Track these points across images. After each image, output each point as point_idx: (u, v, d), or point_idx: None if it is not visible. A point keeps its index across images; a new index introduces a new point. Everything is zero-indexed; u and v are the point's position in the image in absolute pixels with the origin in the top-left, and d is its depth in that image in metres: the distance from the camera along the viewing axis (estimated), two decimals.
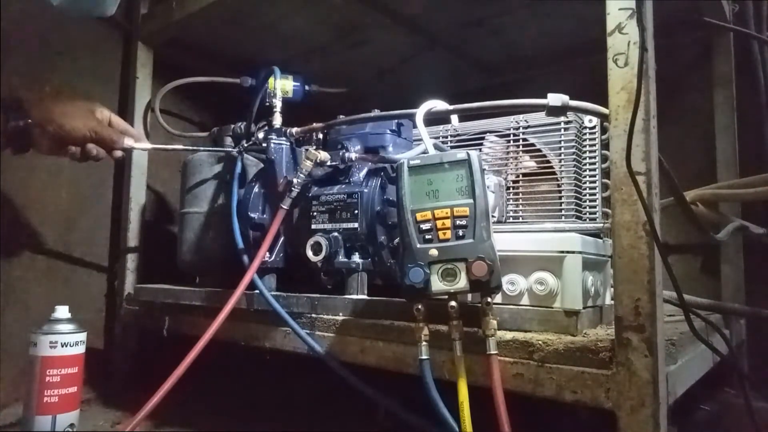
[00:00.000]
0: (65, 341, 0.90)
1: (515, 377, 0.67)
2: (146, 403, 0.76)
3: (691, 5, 1.14)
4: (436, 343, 0.69)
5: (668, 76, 1.26)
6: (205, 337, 0.82)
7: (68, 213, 1.26)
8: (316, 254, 0.89)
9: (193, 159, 1.18)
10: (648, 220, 0.59)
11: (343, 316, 0.86)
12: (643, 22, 0.60)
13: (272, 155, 1.00)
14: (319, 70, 1.49)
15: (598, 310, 0.79)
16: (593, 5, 0.66)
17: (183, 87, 1.35)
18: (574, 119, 0.87)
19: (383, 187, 0.92)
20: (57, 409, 0.89)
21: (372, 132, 0.99)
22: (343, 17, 1.28)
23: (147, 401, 0.77)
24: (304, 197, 0.96)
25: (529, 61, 1.51)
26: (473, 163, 0.69)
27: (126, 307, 1.28)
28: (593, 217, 0.87)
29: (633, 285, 0.60)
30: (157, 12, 1.34)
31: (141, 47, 1.36)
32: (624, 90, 0.61)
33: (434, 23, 1.31)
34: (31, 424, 0.88)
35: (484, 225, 0.66)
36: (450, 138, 0.99)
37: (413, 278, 0.66)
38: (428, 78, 1.58)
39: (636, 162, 0.60)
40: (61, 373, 0.90)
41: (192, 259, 1.15)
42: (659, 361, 0.58)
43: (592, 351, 0.62)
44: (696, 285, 1.25)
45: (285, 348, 0.91)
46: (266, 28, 1.33)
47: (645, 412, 0.57)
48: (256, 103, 1.10)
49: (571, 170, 0.87)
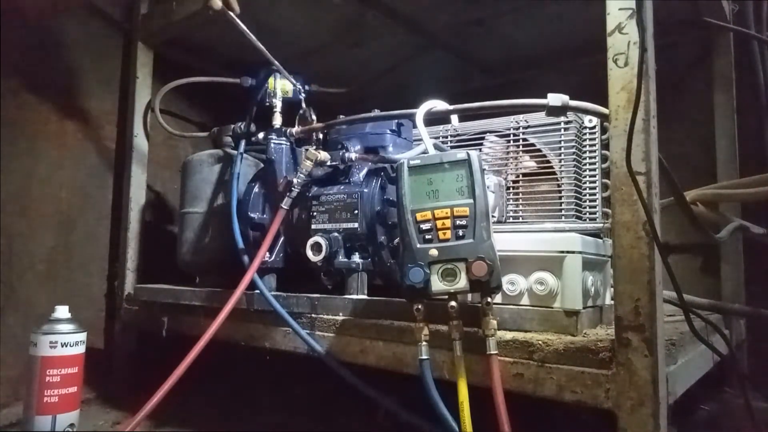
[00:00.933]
0: (65, 341, 0.91)
1: (515, 377, 0.67)
2: (146, 402, 0.76)
3: (691, 5, 1.14)
4: (436, 343, 0.70)
5: (668, 76, 1.26)
6: (205, 337, 0.83)
7: (68, 213, 1.26)
8: (316, 254, 0.89)
9: (193, 159, 1.18)
10: (648, 220, 0.59)
11: (343, 316, 0.86)
12: (643, 22, 0.60)
13: (272, 155, 1.00)
14: (319, 70, 1.49)
15: (598, 310, 0.79)
16: (593, 5, 0.66)
17: (183, 87, 1.35)
18: (574, 119, 0.87)
19: (383, 187, 0.92)
20: (57, 409, 0.89)
21: (372, 132, 0.99)
22: (342, 17, 1.28)
23: (147, 401, 0.77)
24: (304, 197, 0.96)
25: (529, 61, 1.50)
26: (473, 163, 0.69)
27: (126, 307, 1.28)
28: (593, 217, 0.87)
29: (633, 285, 0.60)
30: (157, 12, 1.34)
31: (141, 47, 1.36)
32: (624, 90, 0.61)
33: (434, 23, 1.31)
34: (31, 424, 0.88)
35: (484, 225, 0.66)
36: (450, 138, 0.99)
37: (413, 278, 0.66)
38: (428, 78, 1.58)
39: (636, 162, 0.60)
40: (61, 373, 0.90)
41: (192, 259, 1.15)
42: (659, 361, 0.58)
43: (592, 351, 0.62)
44: (696, 285, 1.25)
45: (285, 348, 0.91)
46: (266, 27, 1.32)
47: (645, 411, 0.57)
48: (255, 103, 1.10)
49: (571, 170, 0.87)
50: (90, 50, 1.32)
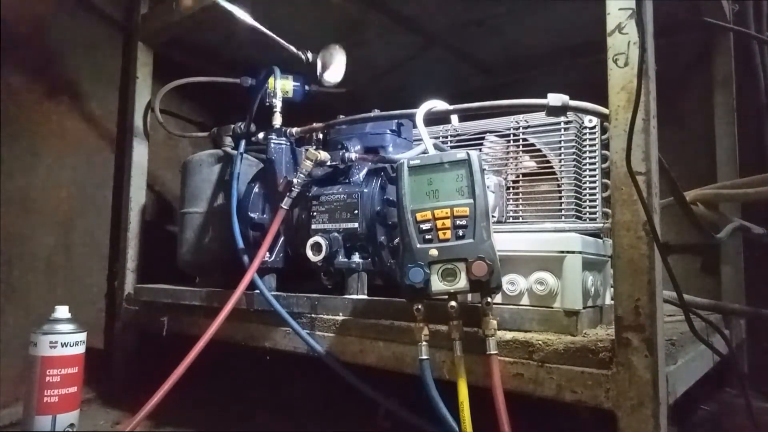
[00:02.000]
0: (65, 341, 0.91)
1: (515, 377, 0.66)
2: (146, 402, 0.76)
3: (691, 5, 1.14)
4: (436, 343, 0.70)
5: (669, 76, 1.26)
6: (205, 337, 0.83)
7: (68, 213, 1.26)
8: (316, 254, 0.89)
9: (193, 159, 1.18)
10: (648, 220, 0.59)
11: (343, 316, 0.86)
12: (642, 22, 0.60)
13: (272, 155, 1.00)
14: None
15: (598, 310, 0.79)
16: (593, 5, 0.66)
17: (183, 87, 1.35)
18: (574, 119, 0.87)
19: (383, 187, 0.92)
20: (57, 409, 0.89)
21: (372, 132, 0.99)
22: (343, 17, 1.28)
23: (147, 401, 0.77)
24: (304, 197, 0.96)
25: (529, 61, 1.50)
26: (473, 163, 0.69)
27: (126, 307, 1.28)
28: (593, 217, 0.87)
29: (633, 285, 0.59)
30: (157, 12, 1.34)
31: (141, 47, 1.36)
32: (624, 90, 0.61)
33: (434, 23, 1.31)
34: (31, 424, 0.88)
35: (484, 225, 0.66)
36: (450, 138, 0.99)
37: (413, 278, 0.66)
38: (428, 78, 1.58)
39: (636, 162, 0.60)
40: (61, 373, 0.90)
41: (192, 259, 1.15)
42: (659, 361, 0.58)
43: (592, 351, 0.62)
44: (696, 285, 1.25)
45: (285, 348, 0.91)
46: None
47: (645, 411, 0.57)
48: (255, 103, 1.10)
49: (571, 170, 0.87)
50: (90, 50, 1.31)
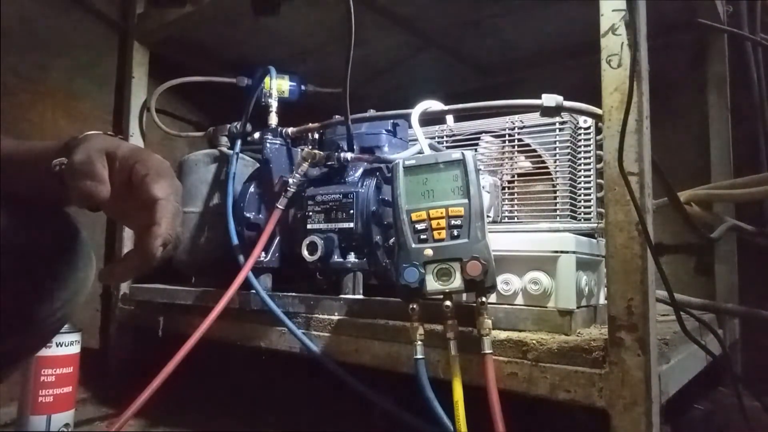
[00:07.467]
0: (60, 341, 0.90)
1: (509, 376, 0.67)
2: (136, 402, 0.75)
3: (685, 6, 1.15)
4: (431, 343, 0.70)
5: (662, 77, 1.27)
6: (195, 335, 0.81)
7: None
8: (311, 254, 0.89)
9: (188, 159, 1.18)
10: (640, 220, 0.59)
11: (338, 315, 0.86)
12: (634, 23, 0.60)
13: (268, 155, 1.00)
14: (315, 70, 1.49)
15: (592, 309, 0.80)
16: (587, 6, 0.66)
17: (179, 87, 1.35)
18: (569, 120, 0.87)
19: (379, 187, 0.93)
20: (52, 408, 0.89)
21: (368, 132, 0.99)
22: (339, 17, 1.28)
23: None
24: (299, 197, 0.96)
25: (525, 62, 1.51)
26: (468, 163, 0.69)
27: (121, 306, 1.28)
28: (588, 217, 0.87)
29: (626, 284, 0.60)
30: (153, 11, 1.33)
31: (137, 47, 1.35)
32: (617, 91, 0.62)
33: (430, 24, 1.31)
34: (25, 423, 0.88)
35: (479, 225, 0.67)
36: (445, 138, 0.99)
37: (408, 278, 0.66)
38: (424, 78, 1.58)
39: (629, 162, 0.60)
40: (56, 373, 0.90)
41: (188, 258, 1.15)
42: (652, 360, 0.59)
43: (586, 350, 0.63)
44: (690, 285, 1.26)
45: (280, 347, 0.91)
46: (262, 27, 1.33)
47: (637, 410, 0.58)
48: (251, 102, 1.10)
49: (566, 170, 0.87)
50: (86, 49, 1.31)
